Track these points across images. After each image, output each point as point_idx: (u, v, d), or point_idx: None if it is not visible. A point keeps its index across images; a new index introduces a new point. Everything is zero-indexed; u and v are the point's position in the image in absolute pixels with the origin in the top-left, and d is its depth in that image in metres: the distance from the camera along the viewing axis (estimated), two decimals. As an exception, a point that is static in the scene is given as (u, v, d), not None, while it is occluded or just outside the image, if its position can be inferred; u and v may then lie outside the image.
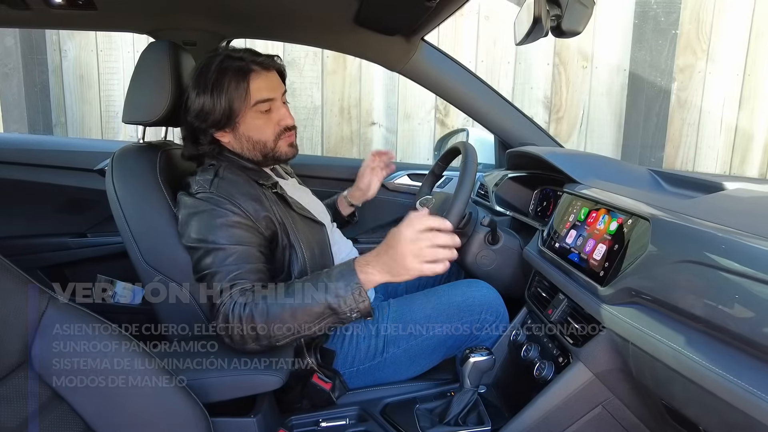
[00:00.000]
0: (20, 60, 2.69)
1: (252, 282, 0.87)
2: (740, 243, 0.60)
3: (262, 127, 1.01)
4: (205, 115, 0.98)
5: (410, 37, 1.34)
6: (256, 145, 1.01)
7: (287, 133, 1.03)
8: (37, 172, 1.60)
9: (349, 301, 0.81)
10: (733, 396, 0.54)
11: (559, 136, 2.58)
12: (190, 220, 0.92)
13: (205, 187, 0.94)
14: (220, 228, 0.90)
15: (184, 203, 0.95)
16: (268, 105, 1.00)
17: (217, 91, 0.96)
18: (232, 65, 0.97)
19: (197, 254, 0.90)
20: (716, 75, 2.49)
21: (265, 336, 0.83)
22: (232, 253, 0.88)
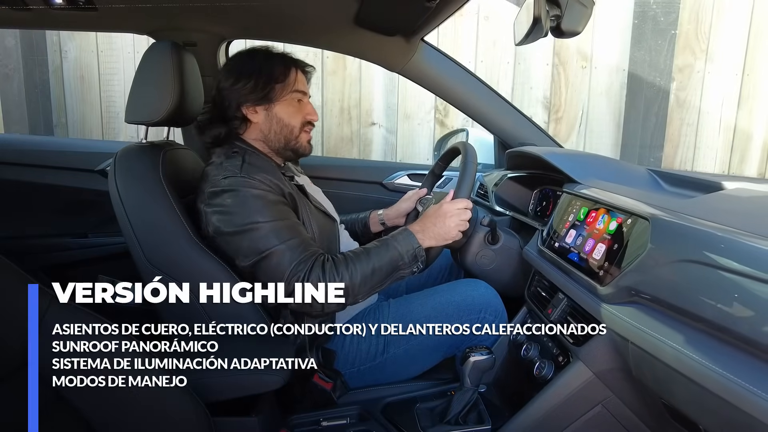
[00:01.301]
0: (21, 61, 2.69)
1: (316, 251, 0.95)
2: (739, 242, 0.60)
3: (294, 114, 1.08)
4: (245, 90, 1.04)
5: (410, 38, 1.34)
6: (284, 128, 1.08)
7: (309, 127, 1.11)
8: (37, 173, 1.60)
9: (411, 256, 0.99)
10: (733, 395, 0.55)
11: (559, 136, 2.58)
12: (229, 208, 0.94)
13: (236, 172, 0.97)
14: (265, 207, 0.94)
15: (215, 194, 0.96)
16: (302, 96, 1.09)
17: (264, 71, 1.05)
18: (280, 56, 1.09)
19: (245, 238, 0.93)
20: (715, 75, 2.49)
21: (352, 294, 0.94)
22: (288, 228, 0.95)
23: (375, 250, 0.98)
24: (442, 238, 1.04)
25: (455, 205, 1.05)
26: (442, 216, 1.04)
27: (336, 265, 0.94)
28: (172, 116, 1.07)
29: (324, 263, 0.94)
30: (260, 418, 0.87)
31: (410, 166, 1.78)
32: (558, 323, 0.95)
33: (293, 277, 0.91)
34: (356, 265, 0.95)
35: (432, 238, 1.03)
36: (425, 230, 1.03)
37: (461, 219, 1.05)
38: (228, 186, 0.95)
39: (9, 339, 0.63)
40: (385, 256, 0.97)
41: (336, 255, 0.98)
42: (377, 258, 0.97)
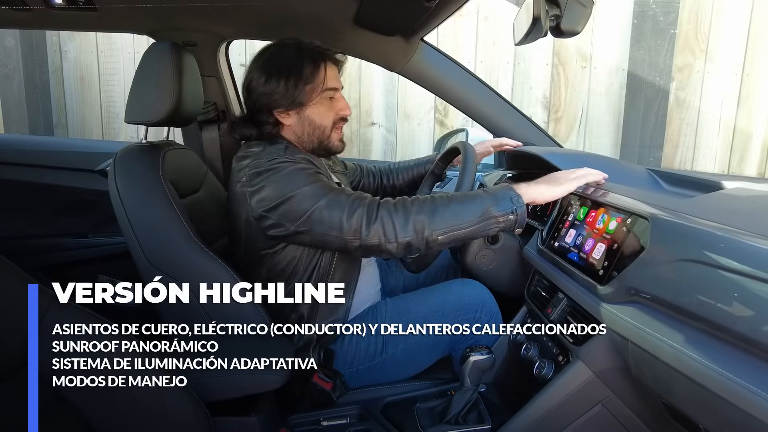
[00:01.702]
0: (21, 61, 2.69)
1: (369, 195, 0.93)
2: (739, 242, 0.60)
3: (325, 113, 1.06)
4: (275, 94, 1.02)
5: (410, 38, 1.34)
6: (316, 129, 1.07)
7: (341, 123, 1.10)
8: (38, 173, 1.60)
9: (506, 204, 0.88)
10: (733, 394, 0.55)
11: (558, 135, 2.58)
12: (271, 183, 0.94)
13: (280, 155, 0.98)
14: (306, 177, 0.94)
15: (257, 174, 0.96)
16: (333, 93, 1.07)
17: (293, 73, 1.02)
18: (308, 51, 1.04)
19: (291, 203, 0.92)
20: (715, 74, 2.49)
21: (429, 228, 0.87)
22: (326, 185, 0.93)
23: (463, 194, 0.92)
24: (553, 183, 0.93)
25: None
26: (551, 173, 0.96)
27: (411, 199, 0.90)
28: (172, 116, 1.07)
29: (395, 199, 0.90)
30: (260, 417, 0.87)
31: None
32: (558, 323, 0.95)
33: (354, 211, 0.89)
34: (436, 201, 0.89)
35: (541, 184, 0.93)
36: (528, 183, 0.93)
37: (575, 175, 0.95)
38: (271, 165, 0.96)
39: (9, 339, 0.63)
40: (473, 198, 0.89)
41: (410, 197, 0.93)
42: (458, 198, 0.90)
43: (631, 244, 0.77)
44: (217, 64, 1.47)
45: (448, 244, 0.91)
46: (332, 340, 1.06)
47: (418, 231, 0.88)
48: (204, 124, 1.54)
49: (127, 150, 1.06)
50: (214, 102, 1.52)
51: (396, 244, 0.88)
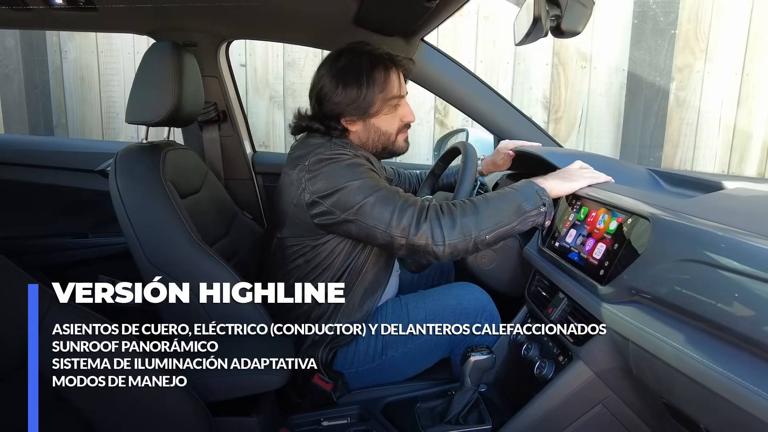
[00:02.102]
0: (21, 61, 2.69)
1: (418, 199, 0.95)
2: (740, 242, 0.60)
3: (390, 121, 1.09)
4: (349, 104, 1.04)
5: (410, 38, 1.34)
6: (381, 136, 1.09)
7: (406, 128, 1.13)
8: (38, 173, 1.60)
9: (535, 200, 0.94)
10: (734, 394, 0.55)
11: (558, 135, 2.58)
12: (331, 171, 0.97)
13: (345, 149, 1.01)
14: (363, 172, 0.97)
15: (320, 161, 0.98)
16: (398, 101, 1.09)
17: (368, 83, 1.04)
18: (381, 60, 1.06)
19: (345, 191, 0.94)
20: (715, 75, 2.49)
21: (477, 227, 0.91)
22: (379, 183, 0.96)
23: (494, 196, 0.96)
24: (569, 177, 0.99)
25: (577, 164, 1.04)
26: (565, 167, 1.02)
27: (450, 207, 0.93)
28: (173, 116, 1.07)
29: (441, 204, 0.93)
30: (260, 418, 0.87)
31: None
32: (558, 323, 0.95)
33: (405, 210, 0.91)
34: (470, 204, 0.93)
35: (557, 178, 0.99)
36: (546, 176, 1.00)
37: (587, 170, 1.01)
38: (334, 155, 0.99)
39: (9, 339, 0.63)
40: (503, 198, 0.94)
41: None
42: (493, 198, 0.94)
43: (632, 244, 0.77)
44: (217, 64, 1.47)
45: (494, 243, 0.95)
46: (346, 341, 1.05)
47: (465, 234, 0.91)
48: (204, 125, 1.54)
49: (127, 150, 1.06)
50: (215, 102, 1.52)
51: (443, 247, 0.91)
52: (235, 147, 1.59)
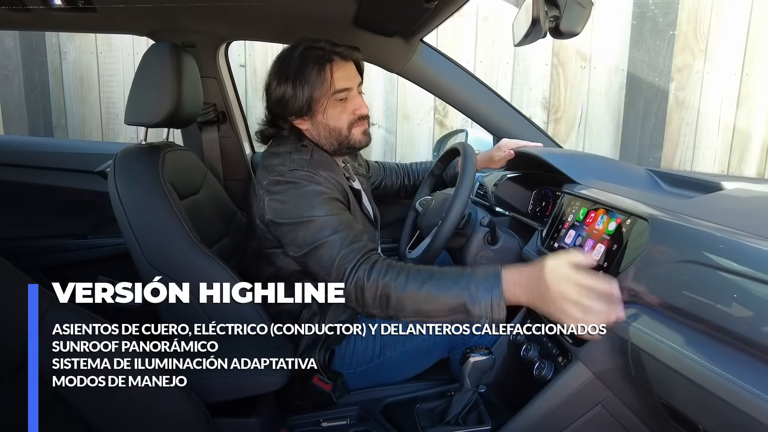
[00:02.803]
0: (20, 62, 2.69)
1: (368, 246, 0.91)
2: (739, 243, 0.60)
3: (339, 116, 1.04)
4: (285, 102, 1.01)
5: (409, 39, 1.34)
6: (332, 132, 1.04)
7: (361, 121, 1.06)
8: (37, 174, 1.60)
9: (485, 306, 0.79)
10: (733, 395, 0.55)
11: (558, 136, 2.58)
12: (289, 199, 0.94)
13: (303, 166, 0.97)
14: (323, 203, 0.93)
15: (277, 182, 0.96)
16: (345, 94, 1.04)
17: (299, 80, 0.99)
18: (314, 54, 1.00)
19: (301, 229, 0.91)
20: (714, 75, 2.49)
21: (394, 308, 0.84)
22: (340, 223, 0.92)
23: (445, 273, 0.84)
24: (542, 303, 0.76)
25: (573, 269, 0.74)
26: (547, 272, 0.75)
27: (388, 268, 0.86)
28: (172, 117, 1.07)
29: (377, 261, 0.88)
30: (260, 418, 0.87)
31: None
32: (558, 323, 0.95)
33: (340, 266, 0.87)
34: (411, 278, 0.83)
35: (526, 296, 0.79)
36: (522, 281, 0.79)
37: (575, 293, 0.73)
38: (293, 178, 0.95)
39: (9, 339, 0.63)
40: (451, 287, 0.81)
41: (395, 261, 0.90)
42: (441, 283, 0.82)
43: (631, 245, 0.77)
44: (216, 65, 1.47)
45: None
46: (340, 340, 1.06)
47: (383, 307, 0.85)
48: (204, 125, 1.54)
49: (126, 151, 1.06)
50: (214, 103, 1.52)
51: (364, 312, 0.88)
52: (235, 148, 1.59)
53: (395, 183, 1.45)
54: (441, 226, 1.04)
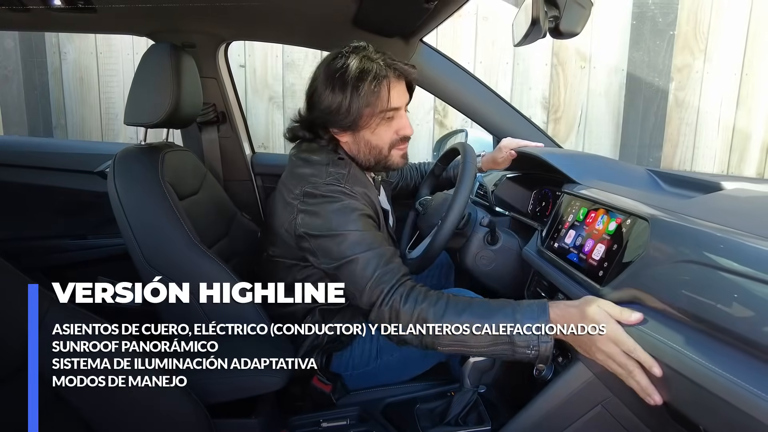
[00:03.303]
0: (20, 63, 2.69)
1: (403, 269, 0.89)
2: (739, 243, 0.60)
3: (382, 134, 1.00)
4: (335, 113, 0.97)
5: (409, 39, 1.34)
6: (372, 150, 1.01)
7: (402, 143, 1.03)
8: (37, 175, 1.60)
9: (531, 336, 0.76)
10: (733, 395, 0.55)
11: (558, 136, 2.58)
12: (324, 211, 0.92)
13: (340, 181, 0.95)
14: (358, 219, 0.92)
15: (312, 195, 0.94)
16: (393, 113, 1.00)
17: (354, 92, 0.95)
18: (372, 68, 0.96)
19: (335, 241, 0.90)
20: (714, 75, 2.49)
21: (431, 336, 0.80)
22: (375, 240, 0.90)
23: (488, 302, 0.81)
24: (580, 345, 0.76)
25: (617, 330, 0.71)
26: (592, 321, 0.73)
27: (426, 295, 0.83)
28: (171, 118, 1.07)
29: (414, 287, 0.85)
30: (260, 419, 0.87)
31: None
32: (558, 323, 0.95)
33: (377, 286, 0.85)
34: (451, 306, 0.80)
35: (571, 338, 0.76)
36: (566, 315, 0.76)
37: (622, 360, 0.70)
38: (328, 192, 0.93)
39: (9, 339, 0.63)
40: (494, 314, 0.78)
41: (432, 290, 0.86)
42: (483, 311, 0.79)
43: (631, 245, 0.77)
44: (216, 65, 1.47)
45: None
46: (339, 347, 1.05)
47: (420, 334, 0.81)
48: (203, 126, 1.54)
49: (126, 151, 1.06)
50: (214, 103, 1.52)
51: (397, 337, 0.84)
52: (234, 148, 1.60)
53: (410, 184, 1.44)
54: (441, 226, 1.03)
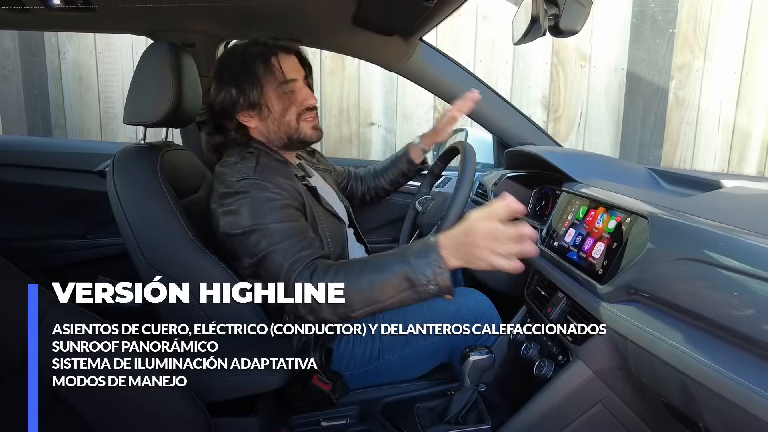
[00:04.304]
0: (19, 62, 2.69)
1: (317, 253, 0.90)
2: (739, 240, 0.60)
3: (287, 108, 1.04)
4: (232, 101, 1.01)
5: (409, 38, 1.34)
6: (281, 126, 1.04)
7: (309, 113, 1.06)
8: (36, 175, 1.59)
9: (428, 272, 0.78)
10: (733, 393, 0.55)
11: (558, 135, 2.58)
12: (239, 209, 0.93)
13: (249, 174, 0.96)
14: (273, 210, 0.92)
15: (227, 194, 0.96)
16: (291, 86, 1.04)
17: (244, 76, 1.00)
18: (256, 50, 1.02)
19: (251, 238, 0.91)
20: (714, 73, 2.49)
21: (342, 305, 0.82)
22: (291, 229, 0.91)
23: (380, 256, 0.83)
24: (469, 261, 0.77)
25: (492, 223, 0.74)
26: (475, 226, 0.75)
27: (327, 269, 0.85)
28: (171, 117, 1.07)
29: (317, 266, 0.86)
30: (260, 418, 0.87)
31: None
32: (557, 322, 0.95)
33: (288, 276, 0.87)
34: (348, 272, 0.83)
35: (458, 254, 0.77)
36: (454, 241, 0.78)
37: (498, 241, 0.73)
38: (240, 188, 0.95)
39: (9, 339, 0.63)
40: (390, 265, 0.80)
41: (336, 261, 0.90)
42: (378, 266, 0.81)
43: (631, 244, 0.77)
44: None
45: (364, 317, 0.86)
46: (331, 339, 1.06)
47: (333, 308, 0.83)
48: (203, 125, 1.53)
49: (125, 151, 1.06)
50: (213, 102, 1.52)
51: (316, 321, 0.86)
52: None
53: (360, 187, 1.43)
54: (441, 225, 1.03)
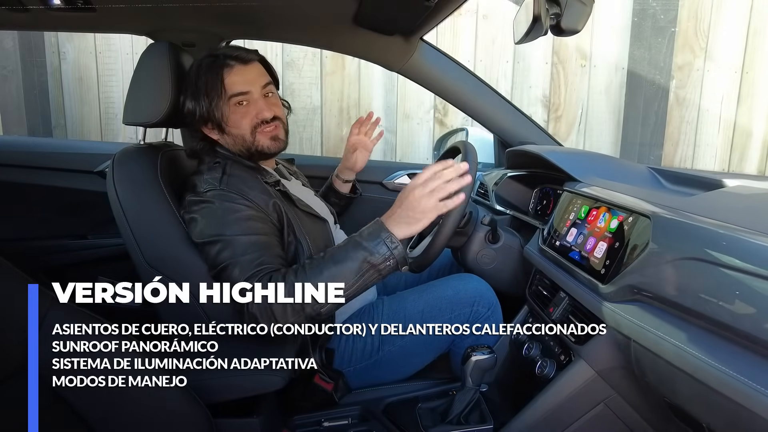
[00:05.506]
0: (19, 62, 2.69)
1: (277, 265, 0.89)
2: (741, 239, 0.60)
3: (239, 121, 1.03)
4: (191, 113, 1.03)
5: (409, 37, 1.34)
6: (236, 139, 1.04)
7: (265, 126, 1.03)
8: (36, 175, 1.59)
9: (383, 250, 0.84)
10: (736, 392, 0.54)
11: (558, 134, 2.58)
12: (202, 218, 0.93)
13: (215, 185, 0.96)
14: (236, 222, 0.92)
15: (193, 202, 0.96)
16: (243, 98, 1.02)
17: (197, 89, 1.01)
18: (207, 63, 1.02)
19: (213, 249, 0.91)
20: (714, 73, 2.49)
21: (309, 305, 0.83)
22: (252, 243, 0.91)
23: (335, 249, 0.87)
24: (415, 220, 0.85)
25: (420, 177, 0.85)
26: (406, 194, 0.85)
27: (286, 274, 0.86)
28: (170, 117, 1.07)
29: (273, 272, 0.87)
30: (261, 419, 0.87)
31: (410, 166, 1.77)
32: (559, 322, 0.95)
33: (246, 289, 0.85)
34: (307, 269, 0.85)
35: (404, 225, 0.85)
36: (393, 214, 0.87)
37: (433, 186, 0.84)
38: (206, 198, 0.95)
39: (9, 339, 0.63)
40: (347, 254, 0.85)
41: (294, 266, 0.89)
42: (336, 257, 0.85)
43: (633, 243, 0.77)
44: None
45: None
46: (329, 339, 1.06)
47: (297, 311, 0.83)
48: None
49: (125, 151, 1.05)
50: (213, 102, 1.51)
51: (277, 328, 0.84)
52: None
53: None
54: (442, 225, 1.03)
